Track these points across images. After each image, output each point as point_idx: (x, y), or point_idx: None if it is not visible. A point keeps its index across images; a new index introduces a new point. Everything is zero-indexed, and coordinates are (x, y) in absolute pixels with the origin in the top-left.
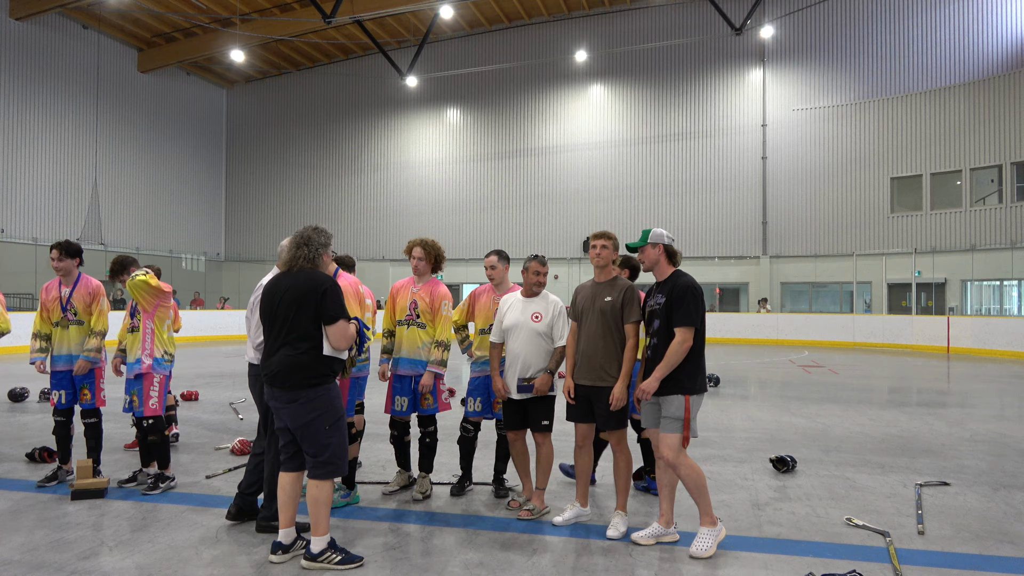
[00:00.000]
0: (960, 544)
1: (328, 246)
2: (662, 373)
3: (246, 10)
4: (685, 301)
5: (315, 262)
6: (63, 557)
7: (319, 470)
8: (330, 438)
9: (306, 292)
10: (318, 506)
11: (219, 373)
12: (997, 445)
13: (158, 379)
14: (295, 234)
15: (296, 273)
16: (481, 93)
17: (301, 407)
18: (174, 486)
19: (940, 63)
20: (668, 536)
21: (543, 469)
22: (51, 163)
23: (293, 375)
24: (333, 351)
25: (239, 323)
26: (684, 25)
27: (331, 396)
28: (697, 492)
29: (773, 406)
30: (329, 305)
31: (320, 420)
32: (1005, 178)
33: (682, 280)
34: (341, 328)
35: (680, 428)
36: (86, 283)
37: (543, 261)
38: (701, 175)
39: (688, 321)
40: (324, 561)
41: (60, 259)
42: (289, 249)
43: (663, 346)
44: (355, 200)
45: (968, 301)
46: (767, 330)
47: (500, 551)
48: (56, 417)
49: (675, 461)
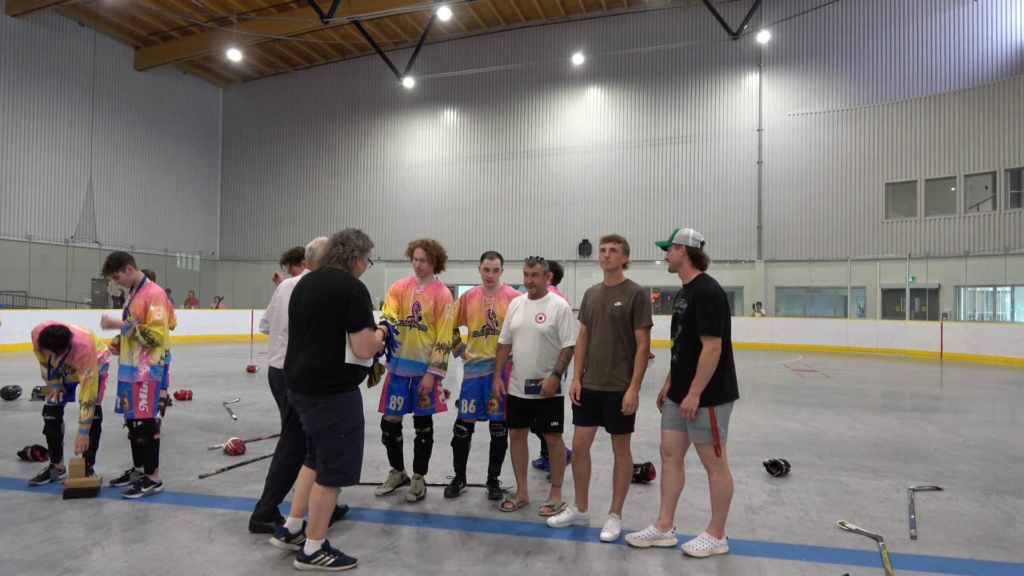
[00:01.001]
0: (952, 549)
1: (366, 251)
2: (699, 388)
3: (243, 9)
4: (707, 309)
5: (347, 264)
6: (55, 556)
7: (328, 477)
8: (345, 447)
9: (331, 296)
10: (320, 511)
11: (213, 373)
12: (990, 450)
13: (148, 383)
14: (336, 232)
15: (325, 274)
16: (478, 95)
17: (320, 412)
18: (158, 491)
19: (935, 70)
20: (664, 540)
21: (556, 467)
22: (46, 161)
23: (314, 380)
24: (356, 359)
25: (233, 322)
26: (681, 29)
27: (351, 404)
28: (719, 502)
29: (767, 410)
30: (354, 312)
31: (337, 427)
32: (999, 185)
33: (704, 287)
34: (365, 337)
35: (710, 437)
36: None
37: (531, 262)
38: (697, 179)
39: (712, 331)
40: (317, 563)
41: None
42: (325, 246)
43: (685, 353)
44: (351, 201)
45: (962, 307)
46: (761, 334)
47: (495, 553)
48: (45, 416)
49: (712, 467)
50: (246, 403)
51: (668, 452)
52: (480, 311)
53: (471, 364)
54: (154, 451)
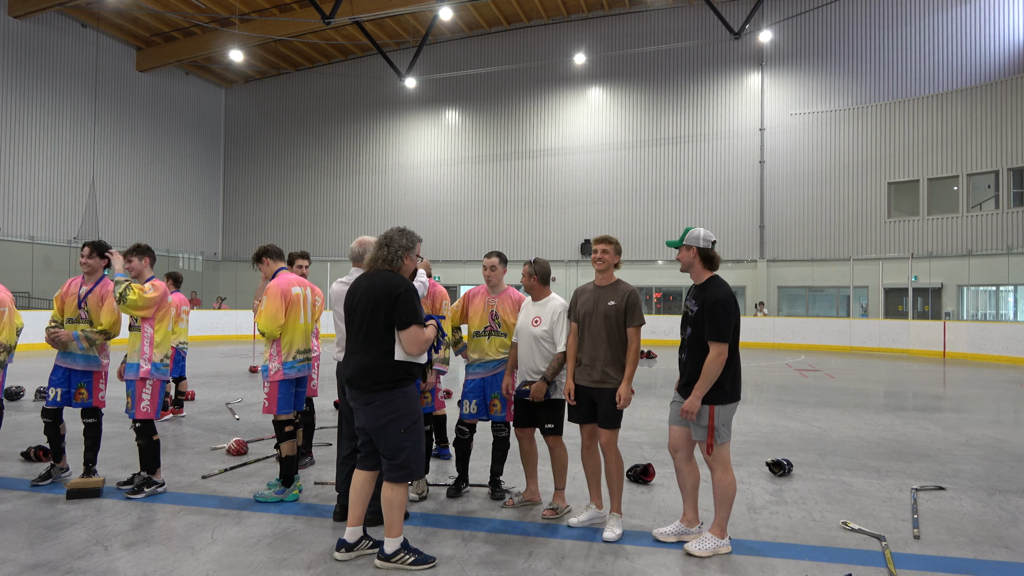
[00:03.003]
0: (955, 548)
1: (411, 249)
2: (702, 392)
3: (245, 10)
4: (716, 316)
5: (393, 264)
6: (58, 557)
7: (394, 473)
8: (405, 441)
9: (380, 296)
10: (392, 508)
11: (216, 373)
12: (993, 450)
13: (152, 383)
14: (381, 234)
15: (374, 275)
16: (480, 95)
17: (377, 409)
18: (160, 492)
19: (938, 69)
20: (690, 535)
21: (558, 470)
22: (49, 161)
23: (368, 378)
24: (407, 356)
25: (236, 323)
26: (683, 29)
27: (408, 400)
28: (721, 501)
29: (769, 410)
30: (402, 310)
31: (396, 423)
32: (1002, 183)
33: (714, 293)
34: (414, 334)
35: (704, 436)
36: (104, 284)
37: (530, 263)
38: (699, 179)
39: (719, 337)
40: (398, 562)
41: (90, 256)
42: (372, 249)
43: (692, 354)
44: (353, 201)
45: (964, 306)
46: (764, 334)
47: (497, 553)
48: (44, 418)
49: (715, 465)
50: (248, 403)
51: (675, 448)
52: (482, 311)
53: (472, 365)
54: (153, 452)
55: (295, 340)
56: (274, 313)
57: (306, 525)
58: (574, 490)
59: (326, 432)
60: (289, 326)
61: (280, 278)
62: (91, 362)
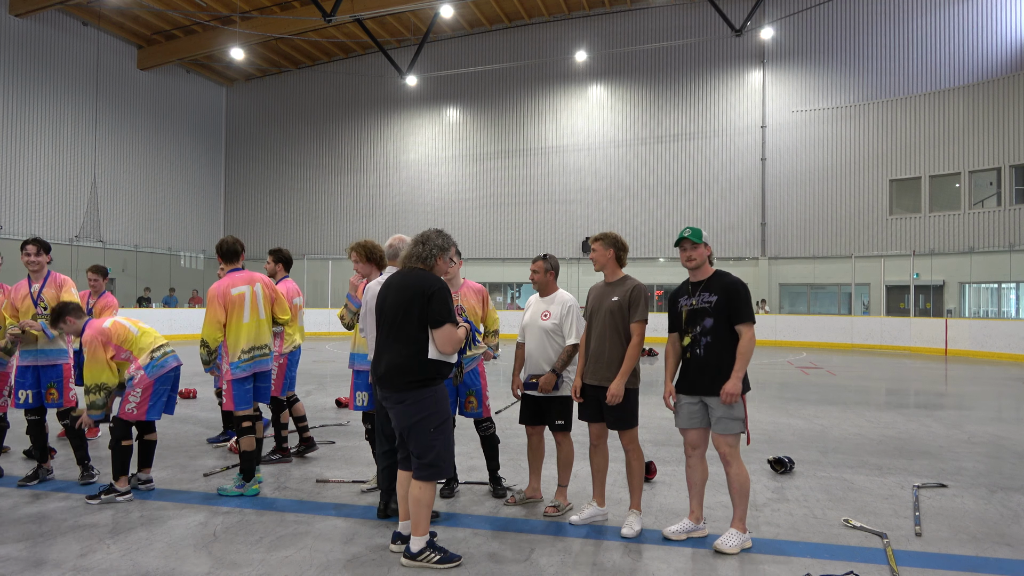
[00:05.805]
0: (957, 546)
1: (447, 250)
2: (741, 372)
3: (246, 8)
4: (741, 299)
5: (427, 262)
6: (61, 555)
7: (422, 471)
8: (435, 440)
9: (413, 295)
10: (419, 507)
11: None
12: (994, 447)
13: (142, 384)
14: (418, 233)
15: (407, 273)
16: (481, 93)
17: (408, 408)
18: (120, 500)
19: (940, 66)
20: (698, 532)
21: (562, 466)
22: (50, 160)
23: (399, 377)
24: (440, 355)
25: None
26: (684, 26)
27: (437, 399)
28: (739, 495)
29: (771, 407)
30: (436, 308)
31: (426, 422)
32: (1004, 181)
33: (730, 279)
34: (448, 332)
35: (742, 427)
36: (54, 278)
37: (535, 259)
38: (700, 176)
39: (750, 318)
40: (423, 560)
41: (37, 254)
42: (407, 246)
43: (717, 343)
44: (354, 199)
45: (966, 303)
46: (765, 331)
47: (498, 552)
48: (28, 416)
49: (733, 459)
50: None
51: (695, 446)
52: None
53: None
54: (120, 457)
55: (240, 340)
56: (211, 319)
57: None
58: (575, 488)
59: (327, 430)
60: (232, 327)
61: (221, 280)
62: (59, 354)
